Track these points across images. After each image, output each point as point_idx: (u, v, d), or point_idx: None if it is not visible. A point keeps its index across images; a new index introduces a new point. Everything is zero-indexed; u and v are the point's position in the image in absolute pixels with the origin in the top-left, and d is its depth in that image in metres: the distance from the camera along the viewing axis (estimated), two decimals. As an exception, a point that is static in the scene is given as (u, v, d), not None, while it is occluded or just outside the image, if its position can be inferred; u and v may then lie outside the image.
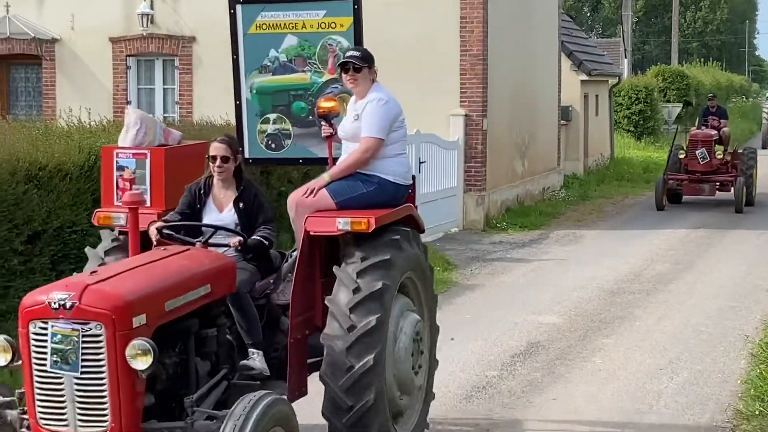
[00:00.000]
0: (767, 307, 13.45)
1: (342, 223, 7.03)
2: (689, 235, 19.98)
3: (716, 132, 24.62)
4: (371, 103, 7.51)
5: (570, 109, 29.17)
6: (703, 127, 25.06)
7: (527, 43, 23.73)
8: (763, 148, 42.30)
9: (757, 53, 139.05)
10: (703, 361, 10.99)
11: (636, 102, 40.15)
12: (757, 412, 9.04)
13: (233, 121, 8.70)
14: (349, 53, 7.70)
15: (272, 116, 8.42)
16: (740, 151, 25.20)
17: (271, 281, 7.42)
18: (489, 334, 12.07)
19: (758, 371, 10.28)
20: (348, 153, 7.54)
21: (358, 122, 7.49)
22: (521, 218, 21.58)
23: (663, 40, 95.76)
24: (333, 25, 8.22)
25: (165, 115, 21.78)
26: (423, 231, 7.83)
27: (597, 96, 32.52)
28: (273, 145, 8.47)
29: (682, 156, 24.21)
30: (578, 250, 18.42)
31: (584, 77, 30.24)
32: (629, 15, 47.12)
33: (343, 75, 7.63)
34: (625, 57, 44.95)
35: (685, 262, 17.10)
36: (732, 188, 23.75)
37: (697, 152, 23.78)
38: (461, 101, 20.29)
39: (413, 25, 20.31)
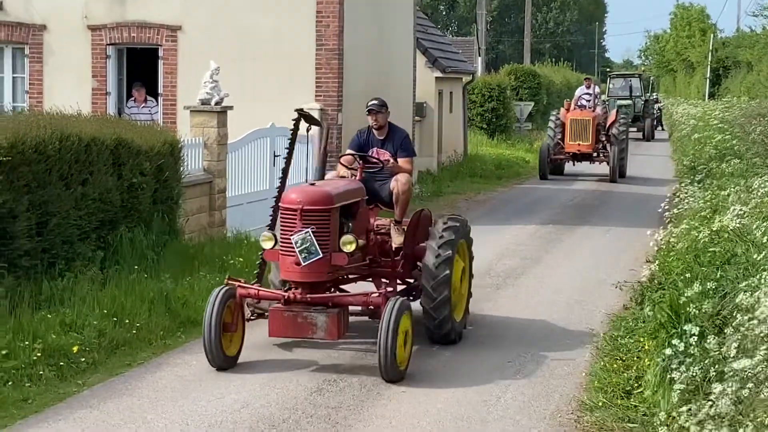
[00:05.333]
0: (611, 301, 13.80)
1: None
2: (538, 231, 20.38)
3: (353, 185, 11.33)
4: None
5: (424, 105, 29.48)
6: (329, 173, 12.07)
7: (383, 39, 23.88)
8: (542, 177, 30.67)
9: (606, 54, 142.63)
10: (550, 354, 11.24)
11: (489, 100, 40.77)
12: (600, 404, 9.28)
13: (85, 110, 8.53)
14: None
15: None
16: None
17: None
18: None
19: (602, 364, 10.56)
20: None
21: None
22: (375, 213, 21.67)
23: (516, 39, 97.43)
24: None
25: (14, 104, 21.28)
26: None
27: (451, 93, 32.93)
28: None
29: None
30: (431, 245, 18.59)
31: (439, 74, 30.61)
32: (483, 14, 47.89)
33: None
34: (479, 55, 45.66)
35: (533, 257, 17.44)
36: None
37: (293, 238, 10.15)
38: (317, 95, 20.32)
39: (270, 18, 20.27)
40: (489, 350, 11.37)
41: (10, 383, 9.29)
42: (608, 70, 78.13)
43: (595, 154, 30.88)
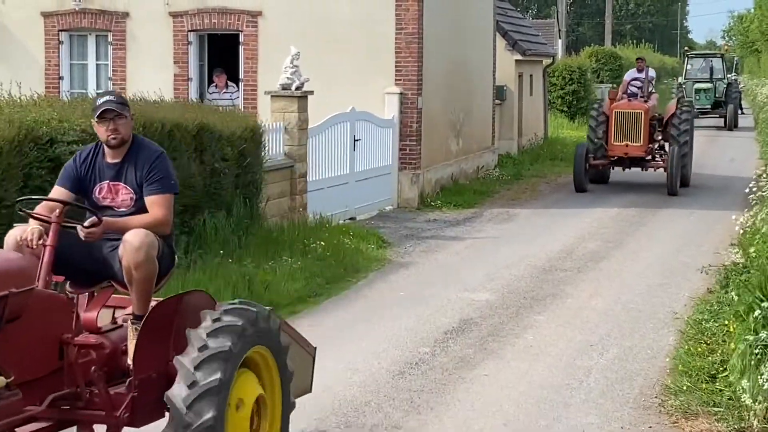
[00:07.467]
0: (695, 285, 13.63)
1: None
2: (620, 214, 20.19)
3: None
4: None
5: (504, 88, 29.32)
6: None
7: (462, 23, 23.79)
8: (578, 190, 23.36)
9: (689, 36, 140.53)
10: (633, 338, 11.15)
11: (570, 82, 40.43)
12: (684, 388, 9.18)
13: (167, 96, 8.59)
14: None
15: None
16: None
17: None
18: (422, 311, 12.13)
19: (686, 348, 10.44)
20: None
21: None
22: (455, 197, 21.70)
23: (596, 21, 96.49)
24: None
25: (98, 91, 21.56)
26: None
27: (531, 76, 32.71)
28: None
29: None
30: (511, 229, 18.56)
31: (519, 57, 30.41)
32: (564, -4, 47.44)
33: None
34: (560, 38, 45.33)
35: (615, 241, 17.29)
36: None
37: None
38: (396, 79, 20.32)
39: (350, 2, 20.33)
40: (571, 333, 11.31)
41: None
42: (686, 49, 76.99)
43: (648, 158, 23.61)
